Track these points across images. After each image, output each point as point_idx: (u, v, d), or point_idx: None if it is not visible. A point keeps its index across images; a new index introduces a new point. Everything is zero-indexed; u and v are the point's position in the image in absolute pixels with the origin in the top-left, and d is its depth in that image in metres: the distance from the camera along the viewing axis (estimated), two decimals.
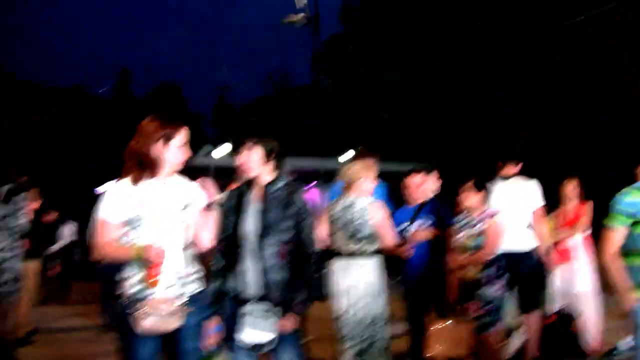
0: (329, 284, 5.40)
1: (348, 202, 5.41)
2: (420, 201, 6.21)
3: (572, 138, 20.44)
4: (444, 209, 6.13)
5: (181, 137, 3.60)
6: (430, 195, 6.34)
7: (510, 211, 6.33)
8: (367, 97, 24.26)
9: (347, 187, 5.51)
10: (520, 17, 21.47)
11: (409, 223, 6.09)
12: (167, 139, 3.56)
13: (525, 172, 6.77)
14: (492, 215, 5.72)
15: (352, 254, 5.33)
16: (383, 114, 23.73)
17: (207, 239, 3.68)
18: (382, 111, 23.84)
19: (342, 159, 18.75)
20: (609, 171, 6.68)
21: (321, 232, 5.29)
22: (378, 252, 5.42)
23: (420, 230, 6.00)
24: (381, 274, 5.41)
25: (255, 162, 3.95)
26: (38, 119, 31.89)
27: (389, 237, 5.43)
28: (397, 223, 5.99)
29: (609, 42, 19.47)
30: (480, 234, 5.65)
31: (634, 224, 3.89)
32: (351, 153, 24.33)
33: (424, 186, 6.26)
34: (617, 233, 3.94)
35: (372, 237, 5.36)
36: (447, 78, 21.50)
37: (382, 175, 5.84)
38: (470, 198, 5.78)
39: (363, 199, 5.42)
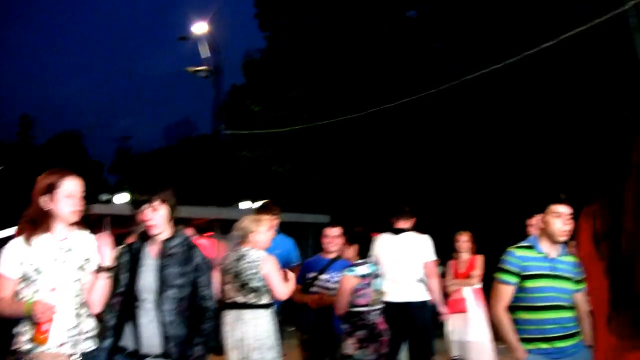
0: (223, 336, 5.34)
1: (240, 254, 5.42)
2: (335, 254, 6.29)
3: (465, 192, 21.27)
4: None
5: (67, 186, 3.49)
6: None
7: (401, 264, 6.55)
8: (264, 149, 24.60)
9: (241, 239, 5.54)
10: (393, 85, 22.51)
11: (317, 274, 6.19)
12: (52, 189, 3.47)
13: (420, 225, 6.99)
14: (344, 269, 5.71)
15: (243, 306, 5.32)
16: (278, 167, 24.10)
17: (97, 303, 3.58)
18: (276, 164, 24.20)
19: (242, 207, 18.90)
20: (501, 225, 7.02)
21: (216, 284, 5.24)
22: (270, 304, 5.42)
23: (321, 293, 6.07)
24: (273, 325, 5.40)
25: (160, 221, 3.82)
26: None
27: (280, 290, 5.40)
28: (308, 272, 6.15)
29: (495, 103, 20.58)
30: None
31: (522, 279, 4.01)
32: (249, 203, 24.58)
33: (339, 239, 6.29)
34: (506, 287, 4.07)
35: (262, 289, 5.35)
36: (342, 133, 22.07)
37: (287, 226, 5.98)
38: (346, 251, 5.86)
39: (255, 250, 5.42)
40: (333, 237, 6.29)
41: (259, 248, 5.46)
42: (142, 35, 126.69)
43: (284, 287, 5.44)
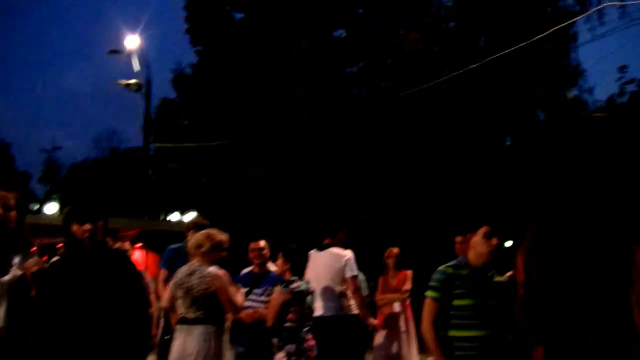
0: (172, 350, 5.32)
1: (192, 269, 5.41)
2: (263, 268, 6.48)
3: (396, 208, 21.93)
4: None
5: None
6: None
7: (322, 279, 6.63)
8: (192, 160, 24.80)
9: (192, 254, 5.54)
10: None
11: (249, 288, 6.29)
12: None
13: (350, 241, 7.06)
14: (277, 283, 5.91)
15: (194, 321, 5.31)
16: (207, 179, 24.31)
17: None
18: (205, 177, 24.41)
19: (171, 220, 19.10)
20: (432, 241, 7.14)
21: (161, 296, 5.47)
22: (218, 319, 5.45)
23: (255, 308, 6.16)
24: (220, 340, 5.43)
25: (96, 235, 3.89)
26: None
27: (232, 305, 5.48)
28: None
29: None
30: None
31: (450, 297, 4.11)
32: (177, 215, 24.71)
33: (265, 252, 6.48)
34: (433, 304, 4.13)
35: (211, 304, 5.36)
36: (270, 147, 22.50)
37: None
38: (278, 266, 6.12)
39: (205, 266, 5.42)
40: (259, 251, 6.42)
41: (208, 264, 5.45)
42: (72, 48, 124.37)
43: (236, 303, 5.53)
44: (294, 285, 5.72)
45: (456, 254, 4.92)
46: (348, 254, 6.78)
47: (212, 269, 5.41)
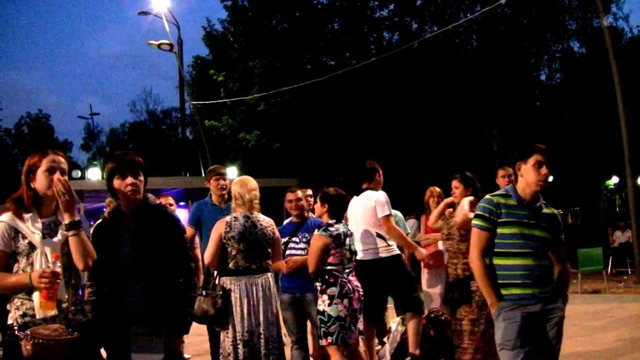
0: (233, 302, 5.28)
1: (250, 221, 5.39)
2: (301, 217, 6.44)
3: (436, 145, 21.83)
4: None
5: (47, 165, 3.56)
6: (308, 211, 6.64)
7: (360, 223, 6.73)
8: (230, 118, 24.79)
9: (246, 205, 5.48)
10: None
11: (288, 238, 6.26)
12: (34, 169, 3.57)
13: (386, 184, 7.14)
14: (316, 228, 5.90)
15: (256, 270, 5.31)
16: (245, 134, 24.30)
17: (79, 260, 3.56)
18: (243, 132, 24.41)
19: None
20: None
21: (208, 250, 5.36)
22: (269, 267, 5.50)
23: (292, 257, 6.10)
24: (274, 289, 5.44)
25: (140, 188, 3.91)
26: None
27: (279, 253, 5.65)
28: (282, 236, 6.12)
29: None
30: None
31: (497, 225, 4.08)
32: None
33: (303, 202, 6.46)
34: (481, 233, 4.10)
35: (269, 253, 5.42)
36: (306, 98, 22.40)
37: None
38: (317, 210, 6.08)
39: (260, 215, 5.49)
40: (296, 201, 6.39)
41: (259, 212, 5.52)
42: (103, 11, 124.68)
43: (279, 251, 5.68)
44: (333, 228, 5.70)
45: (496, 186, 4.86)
46: (377, 195, 6.80)
47: (268, 218, 5.48)
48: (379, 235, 6.73)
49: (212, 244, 5.38)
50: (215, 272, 5.38)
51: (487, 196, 4.24)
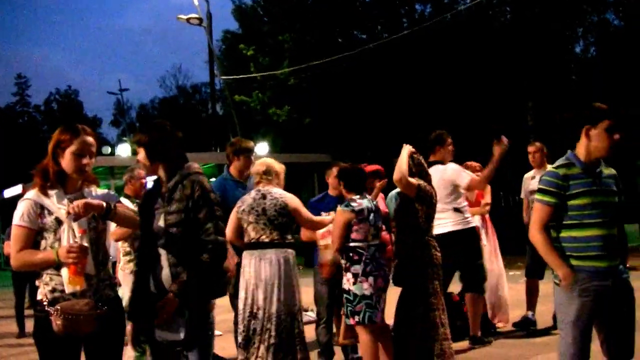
0: (243, 274, 5.36)
1: (262, 193, 5.44)
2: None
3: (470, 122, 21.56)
4: None
5: (77, 144, 3.55)
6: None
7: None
8: (261, 93, 24.72)
9: (257, 181, 5.55)
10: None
11: (328, 214, 6.07)
12: (63, 146, 3.55)
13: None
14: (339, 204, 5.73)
15: (266, 244, 5.33)
16: (276, 109, 24.22)
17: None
18: (273, 107, 24.34)
19: None
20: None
21: (228, 226, 5.26)
22: (292, 243, 5.49)
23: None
24: (291, 264, 5.40)
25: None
26: None
27: (311, 223, 5.65)
28: (314, 210, 6.04)
29: None
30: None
31: (566, 198, 3.90)
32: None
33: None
34: (545, 208, 3.94)
35: (284, 226, 5.43)
36: (338, 73, 22.22)
37: (290, 166, 6.02)
38: (333, 189, 6.06)
39: (276, 189, 5.50)
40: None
41: (278, 187, 5.54)
42: None
43: (313, 220, 5.65)
44: (355, 203, 5.52)
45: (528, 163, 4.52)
46: (452, 165, 6.82)
47: (284, 192, 5.50)
48: (455, 209, 6.73)
49: (230, 220, 5.41)
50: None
51: (551, 168, 4.05)
